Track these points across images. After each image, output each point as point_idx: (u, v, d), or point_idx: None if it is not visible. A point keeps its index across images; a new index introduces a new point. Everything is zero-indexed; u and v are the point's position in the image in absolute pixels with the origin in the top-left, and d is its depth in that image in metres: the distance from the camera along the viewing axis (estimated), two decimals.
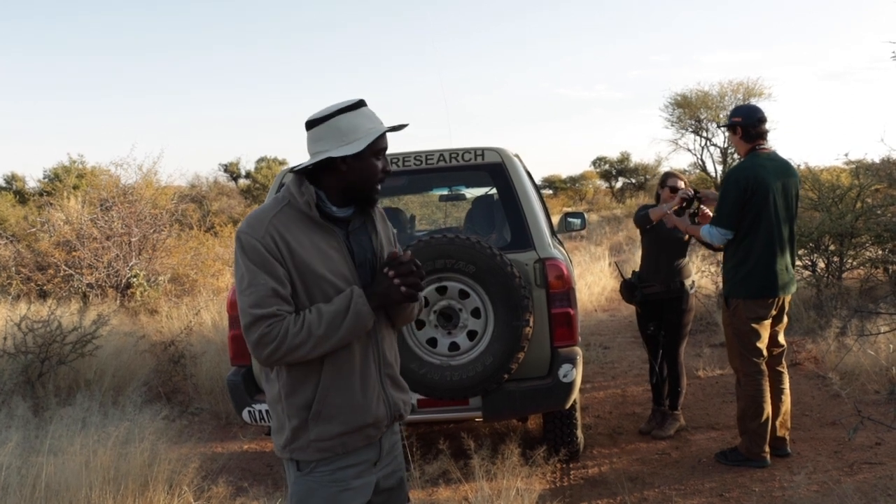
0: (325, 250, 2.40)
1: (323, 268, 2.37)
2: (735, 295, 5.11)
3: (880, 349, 6.87)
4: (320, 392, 2.40)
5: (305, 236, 2.39)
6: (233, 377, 5.09)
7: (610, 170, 50.75)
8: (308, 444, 2.42)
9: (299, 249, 2.36)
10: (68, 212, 13.90)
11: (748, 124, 5.13)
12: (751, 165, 5.05)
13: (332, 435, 2.40)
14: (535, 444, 5.25)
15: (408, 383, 4.69)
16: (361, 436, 2.44)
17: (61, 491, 4.44)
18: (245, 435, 6.65)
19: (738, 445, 5.28)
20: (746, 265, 5.04)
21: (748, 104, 5.30)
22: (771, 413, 5.16)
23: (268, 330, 2.28)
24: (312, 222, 2.41)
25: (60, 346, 7.34)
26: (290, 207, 2.42)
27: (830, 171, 13.35)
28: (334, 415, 2.40)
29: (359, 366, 2.43)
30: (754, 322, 5.08)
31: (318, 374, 2.39)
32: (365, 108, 2.45)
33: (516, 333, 4.66)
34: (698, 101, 35.23)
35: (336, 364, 2.40)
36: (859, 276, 10.08)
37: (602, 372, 8.19)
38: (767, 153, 5.15)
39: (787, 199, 5.08)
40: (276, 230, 2.36)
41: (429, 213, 18.44)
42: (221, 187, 35.49)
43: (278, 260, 2.33)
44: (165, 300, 12.10)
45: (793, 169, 5.26)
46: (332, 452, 2.42)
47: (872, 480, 4.74)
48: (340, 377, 2.41)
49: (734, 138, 5.25)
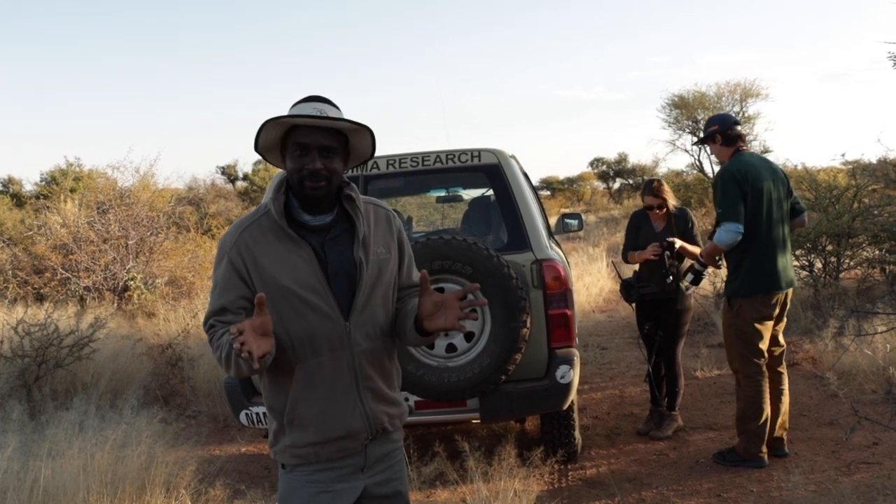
0: (292, 261, 2.36)
1: (289, 280, 2.34)
2: (739, 294, 5.10)
3: (877, 349, 6.87)
4: (290, 401, 2.40)
5: (273, 247, 2.37)
6: (230, 380, 5.07)
7: (607, 171, 50.77)
8: (285, 449, 2.44)
9: (265, 261, 2.35)
10: (65, 215, 13.86)
11: (725, 129, 5.21)
12: (741, 163, 5.07)
13: (305, 443, 2.40)
14: (532, 445, 5.24)
15: (405, 385, 4.71)
16: (336, 447, 2.41)
17: (59, 494, 4.43)
18: (242, 438, 6.64)
19: (735, 446, 5.28)
20: (748, 263, 5.03)
21: (720, 113, 5.37)
22: (770, 414, 5.17)
23: (209, 338, 2.37)
24: (282, 232, 2.38)
25: (57, 350, 7.32)
26: (266, 217, 2.41)
27: (828, 172, 13.36)
28: (306, 424, 2.39)
29: (329, 378, 2.39)
30: (758, 322, 5.08)
31: (289, 382, 2.39)
32: (305, 104, 2.37)
33: (513, 335, 4.66)
34: (695, 101, 35.22)
35: (306, 374, 2.38)
36: (856, 277, 10.10)
37: (600, 373, 8.19)
38: (750, 153, 5.20)
39: (780, 193, 5.10)
40: (244, 243, 2.37)
41: (426, 215, 18.45)
42: (219, 190, 35.38)
43: (241, 274, 2.36)
44: (163, 303, 12.07)
45: (777, 166, 5.30)
46: (306, 460, 2.41)
47: (870, 480, 4.74)
48: (310, 388, 2.38)
49: (715, 148, 5.29)
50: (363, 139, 2.44)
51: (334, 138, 2.37)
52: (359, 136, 2.43)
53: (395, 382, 2.58)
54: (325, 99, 2.41)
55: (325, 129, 2.34)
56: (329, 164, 2.35)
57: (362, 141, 2.45)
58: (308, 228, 2.41)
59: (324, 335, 2.37)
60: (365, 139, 2.44)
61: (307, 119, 2.29)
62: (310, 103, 2.36)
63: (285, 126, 2.34)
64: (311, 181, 2.33)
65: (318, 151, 2.33)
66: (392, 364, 2.57)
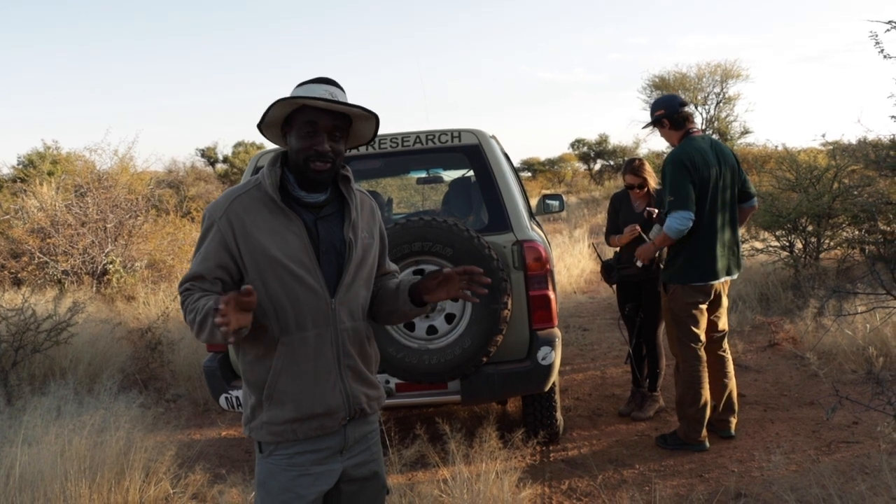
0: (283, 234, 2.37)
1: (279, 252, 2.34)
2: (673, 280, 5.12)
3: (857, 329, 6.91)
4: (272, 375, 2.39)
5: (265, 219, 2.38)
6: (209, 363, 5.04)
7: (588, 152, 50.89)
8: (262, 426, 2.43)
9: (255, 231, 2.36)
10: (42, 198, 13.74)
11: (672, 112, 5.18)
12: (688, 148, 5.04)
13: (282, 419, 2.40)
14: (513, 426, 5.24)
15: (386, 367, 4.68)
16: (314, 425, 2.41)
17: (36, 481, 4.38)
18: (223, 422, 6.60)
19: (676, 430, 5.32)
20: (686, 251, 5.03)
21: (664, 95, 5.31)
22: (710, 398, 5.20)
23: (181, 301, 2.34)
24: (275, 205, 2.39)
25: (35, 335, 7.25)
26: (257, 189, 2.42)
27: (808, 153, 13.39)
28: (285, 400, 2.39)
29: (312, 354, 2.40)
30: (693, 307, 5.11)
31: (272, 355, 2.39)
32: (315, 85, 2.39)
33: (494, 316, 4.63)
34: (676, 83, 35.39)
35: (290, 347, 2.38)
36: (836, 257, 10.16)
37: (581, 354, 8.19)
38: (701, 135, 5.17)
39: (726, 180, 5.08)
40: (234, 212, 2.38)
41: (406, 196, 18.38)
42: (199, 172, 35.22)
43: (228, 243, 2.36)
44: (142, 286, 11.99)
45: (728, 149, 5.28)
46: (283, 437, 2.41)
47: (850, 459, 4.76)
48: (293, 362, 2.39)
49: (664, 132, 5.27)
50: (368, 125, 2.50)
51: (342, 122, 2.41)
52: (364, 121, 2.49)
53: (373, 366, 2.61)
54: (334, 81, 2.45)
55: (334, 113, 2.37)
56: (336, 146, 2.40)
57: (366, 126, 2.51)
58: (301, 204, 2.44)
59: (310, 310, 2.38)
60: (369, 125, 2.50)
61: (320, 102, 2.31)
62: (320, 85, 2.39)
63: (294, 105, 2.36)
64: (320, 162, 2.36)
65: (326, 133, 2.37)
66: (371, 347, 2.59)
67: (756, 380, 6.65)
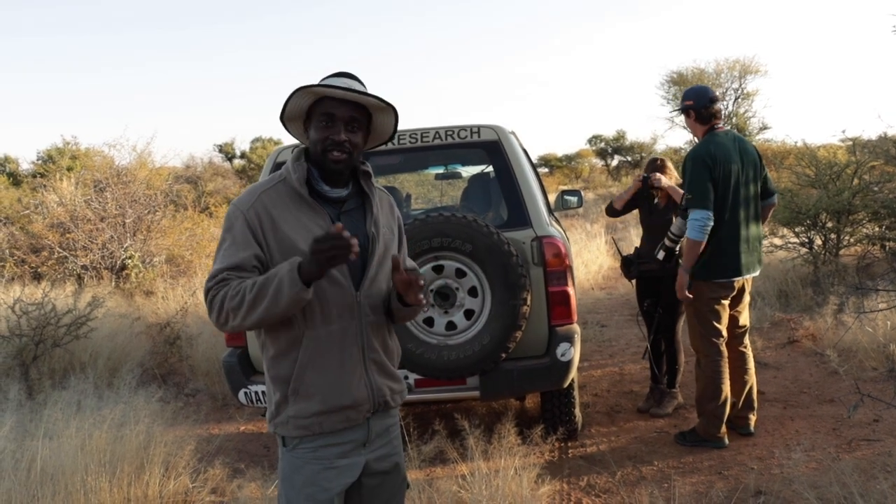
0: (310, 228, 2.38)
1: (305, 245, 2.31)
2: (697, 277, 5.09)
3: (878, 326, 6.85)
4: (298, 368, 2.39)
5: (292, 213, 2.39)
6: (228, 358, 5.05)
7: (606, 148, 50.69)
8: (287, 420, 2.42)
9: (283, 226, 2.37)
10: (62, 193, 13.80)
11: (700, 106, 5.15)
12: (710, 144, 5.03)
13: (309, 413, 2.39)
14: (532, 423, 5.23)
15: (405, 363, 4.68)
16: (340, 417, 2.41)
17: (56, 475, 4.41)
18: (241, 416, 6.63)
19: (695, 426, 5.30)
20: (709, 247, 4.99)
21: (697, 86, 5.28)
22: (730, 394, 5.18)
23: (214, 293, 2.30)
24: (302, 200, 2.41)
25: (55, 329, 7.30)
26: (283, 184, 2.44)
27: (827, 149, 13.30)
28: (312, 393, 2.39)
29: (338, 345, 2.40)
30: (716, 303, 5.09)
31: (297, 349, 2.39)
32: (335, 79, 2.42)
33: (514, 312, 4.63)
34: (695, 78, 35.20)
35: (315, 341, 2.38)
36: (856, 253, 10.06)
37: (599, 350, 8.17)
38: (724, 132, 5.14)
39: (748, 175, 5.06)
40: (262, 205, 2.39)
41: (425, 192, 18.39)
42: (216, 168, 35.36)
43: (256, 235, 2.36)
44: (161, 281, 12.04)
45: (751, 145, 5.26)
46: (310, 431, 2.41)
47: (871, 457, 4.73)
48: (319, 354, 2.39)
49: (689, 122, 5.26)
50: (387, 118, 2.51)
51: (360, 113, 2.42)
52: (383, 114, 2.50)
53: (395, 360, 2.62)
54: (354, 76, 2.48)
55: (352, 103, 2.39)
56: (353, 137, 2.41)
57: (385, 120, 2.52)
58: (324, 199, 2.46)
59: (336, 303, 2.39)
60: (389, 119, 2.51)
61: (337, 91, 2.34)
62: (340, 78, 2.43)
63: (314, 97, 2.39)
64: (337, 152, 2.38)
65: (343, 124, 2.38)
66: (393, 341, 2.61)
67: (775, 377, 6.62)
